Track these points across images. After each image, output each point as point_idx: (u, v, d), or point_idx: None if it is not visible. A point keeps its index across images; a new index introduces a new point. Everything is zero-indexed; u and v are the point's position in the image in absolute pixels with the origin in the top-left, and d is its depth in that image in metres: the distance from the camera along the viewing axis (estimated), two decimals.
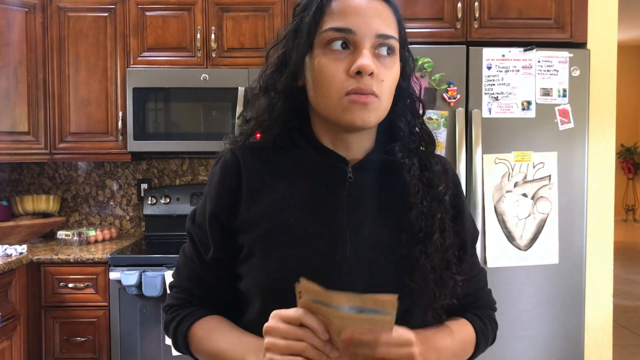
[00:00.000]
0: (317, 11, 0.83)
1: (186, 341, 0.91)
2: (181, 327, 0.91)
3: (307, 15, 0.84)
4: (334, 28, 0.81)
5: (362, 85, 0.80)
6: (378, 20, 0.82)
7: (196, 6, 2.80)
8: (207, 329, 0.90)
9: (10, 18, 2.74)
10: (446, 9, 2.54)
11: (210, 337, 0.88)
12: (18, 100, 2.77)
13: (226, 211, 0.89)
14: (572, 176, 2.42)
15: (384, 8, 0.84)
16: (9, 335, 2.38)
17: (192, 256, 0.93)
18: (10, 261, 2.36)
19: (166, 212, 3.04)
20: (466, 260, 0.92)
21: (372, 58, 0.81)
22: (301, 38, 0.85)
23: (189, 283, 0.94)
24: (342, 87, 0.81)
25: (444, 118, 2.38)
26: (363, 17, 0.81)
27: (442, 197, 0.88)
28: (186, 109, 2.81)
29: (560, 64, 2.40)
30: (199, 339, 0.90)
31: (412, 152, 0.90)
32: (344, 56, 0.82)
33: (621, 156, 9.70)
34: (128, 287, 2.45)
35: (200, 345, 0.90)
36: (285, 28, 0.90)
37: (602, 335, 2.64)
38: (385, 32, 0.82)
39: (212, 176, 0.93)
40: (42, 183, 3.19)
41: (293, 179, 0.89)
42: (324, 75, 0.82)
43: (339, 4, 0.83)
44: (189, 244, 0.94)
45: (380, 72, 0.82)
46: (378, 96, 0.82)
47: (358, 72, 0.80)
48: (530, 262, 2.39)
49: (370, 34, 0.81)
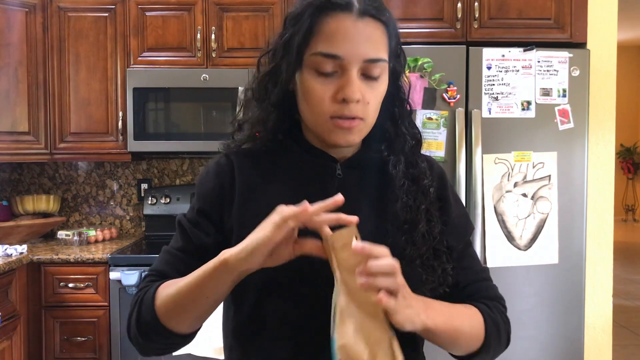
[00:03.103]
0: (307, 32, 0.83)
1: (153, 300, 0.85)
2: (149, 292, 0.87)
3: (297, 33, 0.84)
4: (321, 53, 0.82)
5: (348, 111, 0.83)
6: (367, 45, 0.82)
7: (196, 6, 2.81)
8: (171, 282, 0.86)
9: (10, 18, 2.75)
10: (446, 9, 2.54)
11: (176, 282, 0.85)
12: (18, 100, 2.78)
13: (217, 209, 0.91)
14: (572, 176, 2.42)
15: (375, 28, 0.83)
16: (9, 335, 2.38)
17: (177, 246, 0.92)
18: (11, 261, 2.36)
19: (166, 212, 3.04)
20: (458, 250, 0.94)
21: (360, 81, 0.83)
22: (291, 56, 0.85)
23: (166, 266, 0.91)
24: (328, 111, 0.84)
25: (443, 118, 2.38)
26: (351, 42, 0.81)
27: (427, 189, 0.90)
28: (186, 109, 2.81)
29: (560, 64, 2.40)
30: (164, 289, 0.85)
31: (398, 150, 0.92)
32: (331, 79, 0.83)
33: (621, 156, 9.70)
34: (128, 287, 2.45)
35: (165, 291, 0.85)
36: (276, 38, 0.90)
37: (602, 335, 2.64)
38: (374, 56, 0.82)
39: (204, 177, 0.95)
40: (43, 183, 3.19)
41: (285, 180, 0.92)
42: (311, 97, 0.84)
43: (328, 26, 0.82)
44: (173, 239, 0.94)
45: (366, 95, 0.84)
46: (363, 118, 0.84)
47: (344, 99, 0.82)
48: (530, 262, 2.39)
49: (358, 60, 0.82)
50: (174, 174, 3.21)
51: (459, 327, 0.86)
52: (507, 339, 0.95)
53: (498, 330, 0.92)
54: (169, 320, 0.84)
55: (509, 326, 0.96)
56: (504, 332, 0.94)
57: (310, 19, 0.83)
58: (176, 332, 0.85)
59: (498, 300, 0.98)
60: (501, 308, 0.96)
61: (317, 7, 0.82)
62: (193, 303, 0.82)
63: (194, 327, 0.87)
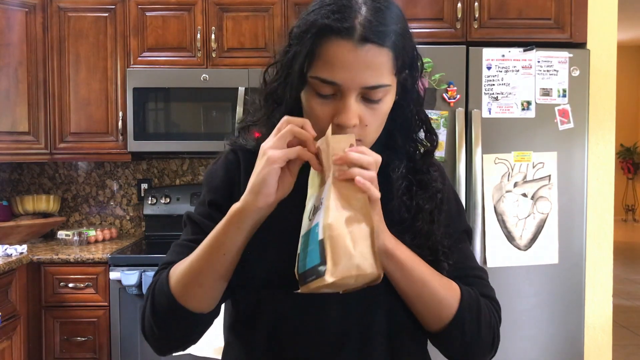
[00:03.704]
0: (309, 55, 0.81)
1: (167, 281, 0.86)
2: (161, 277, 0.87)
3: (299, 54, 0.83)
4: (319, 78, 0.81)
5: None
6: (366, 73, 0.80)
7: (196, 6, 2.81)
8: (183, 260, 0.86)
9: (10, 18, 2.75)
10: (446, 9, 2.54)
11: (189, 256, 0.85)
12: (18, 100, 2.78)
13: (228, 201, 0.90)
14: (572, 176, 2.42)
15: (377, 55, 0.80)
16: (9, 335, 2.38)
17: (188, 236, 0.92)
18: (11, 261, 2.36)
19: (166, 212, 3.04)
20: (457, 250, 0.92)
21: (358, 104, 0.82)
22: (294, 75, 0.84)
23: (178, 257, 0.90)
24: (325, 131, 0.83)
25: (443, 118, 2.38)
26: (349, 70, 0.79)
27: (435, 194, 0.91)
28: (186, 109, 2.81)
29: (560, 64, 2.40)
30: (177, 266, 0.86)
31: (403, 156, 0.92)
32: (330, 101, 0.82)
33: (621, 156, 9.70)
34: (128, 287, 2.45)
35: (179, 268, 0.85)
36: (281, 52, 0.89)
37: (602, 335, 2.64)
38: (373, 83, 0.80)
39: (214, 171, 0.95)
40: (42, 183, 3.19)
41: None
42: (311, 116, 0.84)
43: (327, 52, 0.80)
44: (184, 233, 0.94)
45: (365, 118, 0.82)
46: (361, 140, 0.83)
47: None
48: (530, 262, 2.39)
49: (356, 87, 0.80)
50: (174, 174, 3.21)
51: (425, 277, 0.84)
52: (491, 339, 0.90)
53: (478, 315, 0.87)
54: (186, 297, 0.83)
55: (496, 328, 0.91)
56: (487, 326, 0.88)
57: (312, 41, 0.81)
58: (196, 311, 0.84)
59: (491, 301, 0.93)
60: (491, 306, 0.91)
61: (319, 29, 0.80)
62: (211, 266, 0.82)
63: (213, 299, 0.86)
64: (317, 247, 0.69)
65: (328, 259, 0.67)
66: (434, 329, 0.88)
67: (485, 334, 0.88)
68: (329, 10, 0.80)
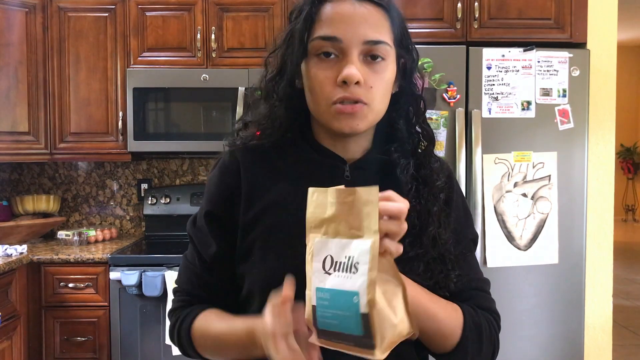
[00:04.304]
0: (307, 18, 0.83)
1: (190, 338, 0.91)
2: (184, 325, 0.92)
3: (298, 23, 0.84)
4: (321, 37, 0.82)
5: (349, 94, 0.81)
6: (365, 27, 0.81)
7: (196, 6, 2.81)
8: (206, 319, 0.90)
9: (10, 18, 2.75)
10: (446, 9, 2.54)
11: (211, 324, 0.89)
12: (18, 100, 2.78)
13: (224, 210, 0.90)
14: (572, 176, 2.42)
15: (373, 12, 0.83)
16: (9, 335, 2.38)
17: (193, 259, 0.94)
18: (11, 261, 2.36)
19: (166, 212, 3.04)
20: (462, 258, 0.91)
21: (361, 65, 0.82)
22: (294, 46, 0.85)
23: (190, 285, 0.94)
24: (330, 96, 0.83)
25: (443, 118, 2.38)
26: (349, 24, 0.81)
27: (438, 192, 0.89)
28: (186, 109, 2.81)
29: (560, 64, 2.40)
30: (200, 330, 0.90)
31: (408, 152, 0.91)
32: (332, 64, 0.82)
33: (621, 156, 9.70)
34: (128, 287, 2.45)
35: (202, 336, 0.90)
36: (281, 34, 0.90)
37: (602, 335, 2.64)
38: (374, 37, 0.82)
39: (211, 178, 0.95)
40: (42, 183, 3.19)
41: (292, 179, 0.90)
42: (314, 83, 0.84)
43: (327, 11, 0.83)
44: (190, 248, 0.96)
45: (369, 79, 0.82)
46: (367, 103, 0.83)
47: (344, 81, 0.81)
48: (530, 262, 2.39)
49: (358, 41, 0.81)
50: (174, 174, 3.21)
51: (434, 314, 0.83)
52: (491, 351, 0.90)
53: (479, 335, 0.88)
54: (205, 353, 0.92)
55: (496, 339, 0.92)
56: (488, 341, 0.89)
57: (311, 7, 0.83)
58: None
59: (491, 313, 0.93)
60: (490, 319, 0.92)
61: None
62: (229, 354, 0.88)
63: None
64: (358, 319, 0.68)
65: (377, 335, 0.68)
66: (438, 353, 0.88)
67: (487, 350, 0.89)
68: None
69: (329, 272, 0.72)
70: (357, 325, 0.68)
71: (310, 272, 0.73)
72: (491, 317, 0.92)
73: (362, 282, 0.68)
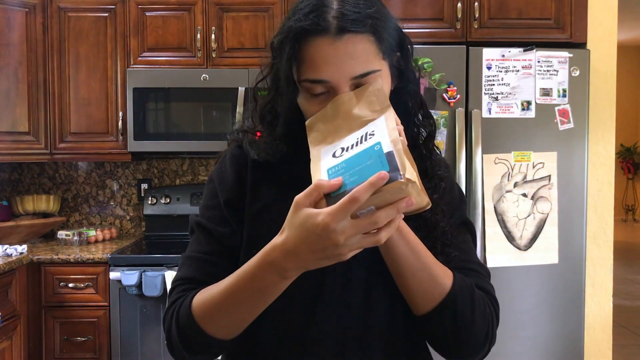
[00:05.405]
0: (291, 61, 0.82)
1: (191, 314, 0.83)
2: (184, 304, 0.85)
3: (283, 64, 0.83)
4: (309, 80, 0.81)
5: None
6: (351, 63, 0.79)
7: (196, 6, 2.81)
8: (208, 288, 0.84)
9: (10, 18, 2.75)
10: (446, 9, 2.54)
11: (214, 287, 0.82)
12: (18, 100, 2.78)
13: (238, 199, 0.91)
14: (572, 176, 2.42)
15: (356, 42, 0.79)
16: (9, 335, 2.38)
17: (201, 247, 0.91)
18: (11, 261, 2.37)
19: (166, 212, 3.04)
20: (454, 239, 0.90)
21: None
22: (283, 86, 0.85)
23: (196, 272, 0.89)
24: None
25: (443, 118, 2.38)
26: (333, 64, 0.79)
27: (439, 182, 0.90)
28: (186, 109, 2.81)
29: (560, 64, 2.40)
30: (202, 299, 0.83)
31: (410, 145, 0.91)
32: (323, 99, 0.82)
33: (621, 156, 9.70)
34: (128, 287, 2.46)
35: (205, 302, 0.82)
36: (268, 66, 0.89)
37: (602, 335, 2.64)
38: (361, 71, 0.80)
39: (220, 169, 0.95)
40: (43, 183, 3.19)
41: (293, 175, 0.89)
42: (307, 115, 0.84)
43: (308, 53, 0.80)
44: (196, 238, 0.92)
45: None
46: None
47: None
48: (530, 262, 2.39)
49: (345, 79, 0.80)
50: (174, 174, 3.21)
51: (425, 253, 0.82)
52: (485, 325, 0.86)
53: (472, 294, 0.84)
54: (208, 325, 0.82)
55: (491, 321, 0.87)
56: (481, 312, 0.85)
57: (292, 47, 0.81)
58: (217, 338, 0.83)
59: (487, 295, 0.89)
60: (486, 298, 0.88)
61: (296, 34, 0.80)
62: (246, 310, 0.80)
63: (236, 332, 0.84)
64: (382, 160, 0.68)
65: (406, 164, 0.68)
66: (426, 309, 0.83)
67: (479, 321, 0.84)
68: (303, 14, 0.81)
69: (337, 156, 0.74)
70: (382, 166, 0.68)
71: (317, 171, 0.75)
72: (487, 298, 0.89)
73: (382, 133, 0.72)
